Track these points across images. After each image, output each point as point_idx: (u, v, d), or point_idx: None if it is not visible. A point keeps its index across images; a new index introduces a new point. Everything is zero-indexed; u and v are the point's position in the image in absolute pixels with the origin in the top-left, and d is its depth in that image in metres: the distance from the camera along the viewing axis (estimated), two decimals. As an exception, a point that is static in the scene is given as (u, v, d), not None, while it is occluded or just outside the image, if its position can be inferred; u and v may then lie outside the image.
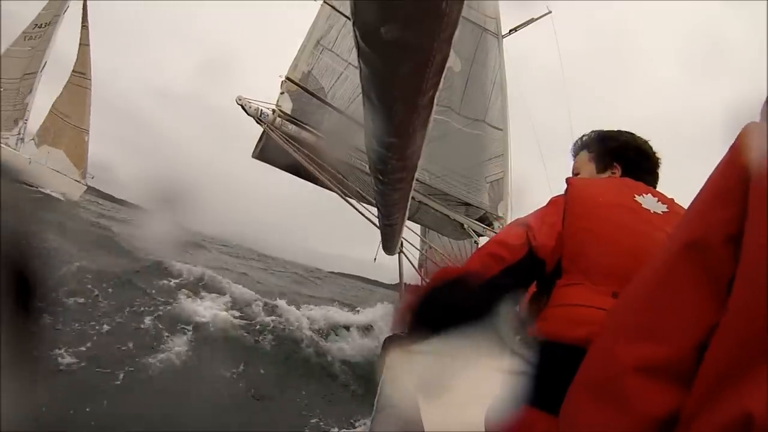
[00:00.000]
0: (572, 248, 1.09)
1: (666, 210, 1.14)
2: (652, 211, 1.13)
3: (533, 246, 1.09)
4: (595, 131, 1.43)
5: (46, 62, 23.37)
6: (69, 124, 24.00)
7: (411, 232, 6.38)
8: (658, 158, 1.34)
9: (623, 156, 1.34)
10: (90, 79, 24.23)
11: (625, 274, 0.96)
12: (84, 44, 24.10)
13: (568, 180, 1.22)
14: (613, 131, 1.40)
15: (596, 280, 1.04)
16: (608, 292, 1.00)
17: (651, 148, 1.35)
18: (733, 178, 0.54)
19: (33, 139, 23.79)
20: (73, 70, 24.26)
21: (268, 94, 6.40)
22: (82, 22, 23.75)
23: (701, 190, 0.60)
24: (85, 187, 24.19)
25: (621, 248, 1.05)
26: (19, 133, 22.94)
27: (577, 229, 1.10)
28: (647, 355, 0.53)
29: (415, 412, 1.27)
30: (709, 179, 0.60)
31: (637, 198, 1.15)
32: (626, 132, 1.39)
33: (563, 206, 1.13)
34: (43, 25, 23.43)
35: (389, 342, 1.35)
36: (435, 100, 0.74)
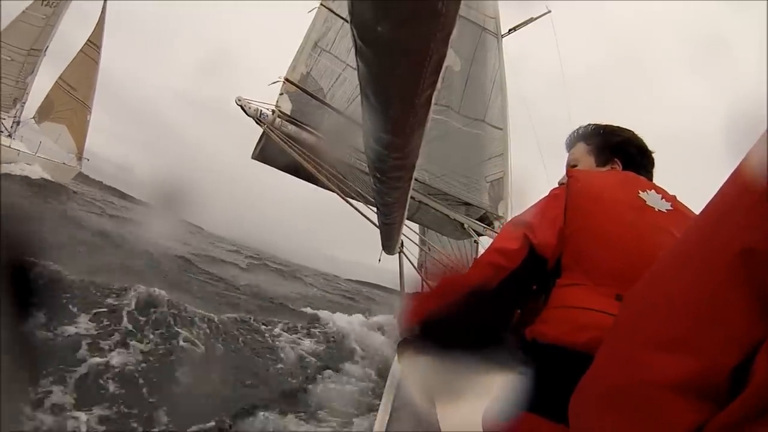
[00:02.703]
0: (574, 246, 1.05)
1: (670, 208, 1.11)
2: (656, 209, 1.09)
3: (534, 244, 1.05)
4: (593, 124, 1.40)
5: (48, 46, 22.67)
6: (74, 98, 23.02)
7: (411, 232, 6.39)
8: (644, 144, 1.32)
9: (625, 152, 1.31)
10: (100, 54, 23.52)
11: (629, 276, 0.89)
12: (104, 12, 23.16)
13: (569, 172, 1.19)
14: (613, 126, 1.38)
15: (599, 281, 1.00)
16: (611, 294, 0.96)
17: (636, 136, 1.33)
18: None
19: (34, 116, 23.08)
20: (88, 40, 23.33)
21: (271, 95, 6.41)
22: None
23: (740, 184, 0.52)
24: (78, 170, 23.63)
25: (625, 249, 1.02)
26: (15, 116, 22.29)
27: (580, 226, 1.06)
28: (682, 369, 0.48)
29: (431, 412, 1.27)
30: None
31: (641, 194, 1.12)
32: (626, 128, 1.36)
33: (564, 200, 1.09)
34: None
35: (404, 345, 1.34)
36: (433, 99, 0.75)
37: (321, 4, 6.68)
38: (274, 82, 6.35)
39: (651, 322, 0.54)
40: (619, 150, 1.32)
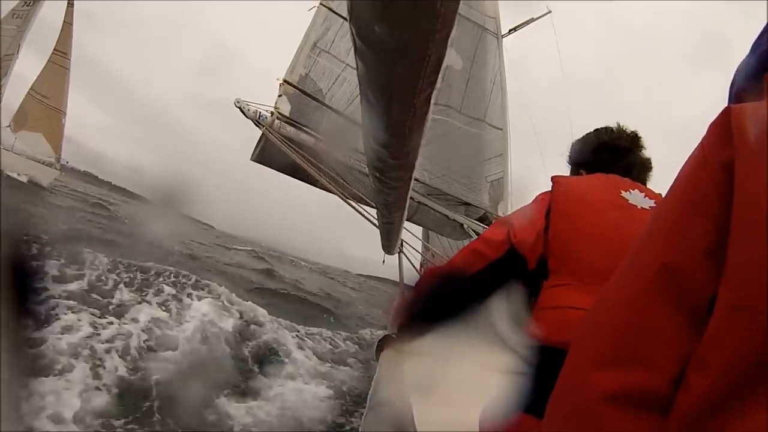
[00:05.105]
0: (559, 248, 1.08)
1: (654, 205, 1.12)
2: (639, 207, 1.11)
3: (513, 243, 1.10)
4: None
5: (20, 46, 23.40)
6: (47, 106, 24.05)
7: (412, 234, 6.38)
8: (627, 145, 1.29)
9: (583, 161, 1.34)
10: (70, 59, 24.33)
11: (611, 272, 0.96)
12: (67, 23, 24.06)
13: (553, 178, 1.21)
14: (580, 137, 1.38)
15: (584, 280, 1.03)
16: (595, 291, 0.97)
17: (619, 137, 1.31)
18: (708, 182, 0.48)
19: (9, 125, 23.89)
20: (54, 49, 24.31)
21: (275, 95, 6.41)
22: (69, 0, 23.71)
23: (670, 201, 0.55)
24: (58, 172, 24.29)
25: (608, 246, 1.04)
26: (-8, 116, 23.22)
27: (564, 228, 1.09)
28: (623, 383, 0.50)
29: (408, 411, 1.27)
30: (677, 187, 0.54)
31: (624, 194, 1.14)
32: (592, 131, 1.36)
33: (548, 204, 1.13)
34: (30, 3, 23.36)
35: (383, 342, 1.37)
36: (432, 99, 0.75)
37: (320, 4, 6.68)
38: (280, 85, 6.35)
39: (593, 340, 0.57)
40: (580, 161, 1.35)
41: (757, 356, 0.41)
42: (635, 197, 1.13)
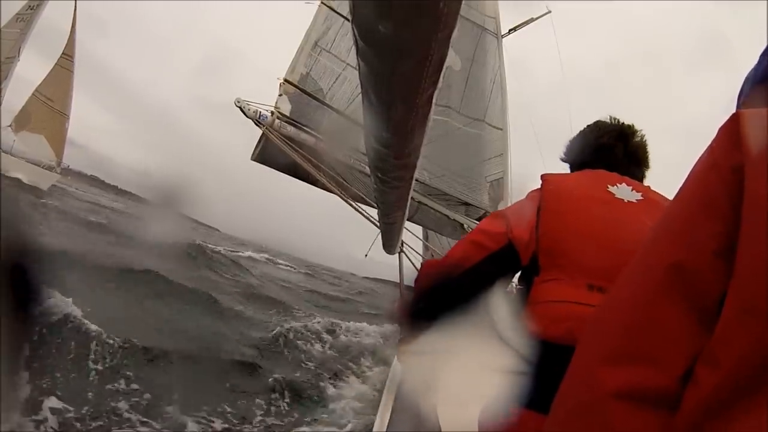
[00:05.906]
0: (549, 244, 1.10)
1: (641, 198, 1.14)
2: (625, 200, 1.14)
3: (511, 238, 1.12)
4: None
5: (21, 48, 23.47)
6: (52, 109, 24.05)
7: (412, 234, 6.38)
8: (611, 142, 1.29)
9: (573, 161, 1.37)
10: (74, 62, 24.41)
11: (599, 266, 1.00)
12: (74, 26, 24.18)
13: (542, 176, 1.23)
14: (572, 138, 1.40)
15: (572, 274, 1.05)
16: (583, 285, 1.01)
17: (602, 135, 1.31)
18: (718, 185, 0.49)
19: (10, 125, 23.81)
20: (63, 53, 24.45)
21: (275, 95, 6.41)
22: (75, 2, 23.82)
23: (680, 201, 0.55)
24: (58, 176, 24.26)
25: (594, 240, 1.07)
26: (-8, 118, 23.15)
27: (552, 226, 1.12)
28: (631, 380, 0.50)
29: (433, 412, 1.28)
30: (687, 188, 0.55)
31: (611, 188, 1.16)
32: (582, 130, 1.37)
33: (538, 201, 1.15)
34: (34, 7, 23.48)
35: (404, 344, 1.38)
36: (434, 99, 0.75)
37: (321, 3, 6.68)
38: (281, 84, 6.34)
39: (602, 337, 0.57)
40: (571, 163, 1.38)
41: (763, 358, 0.41)
42: (622, 191, 1.16)
